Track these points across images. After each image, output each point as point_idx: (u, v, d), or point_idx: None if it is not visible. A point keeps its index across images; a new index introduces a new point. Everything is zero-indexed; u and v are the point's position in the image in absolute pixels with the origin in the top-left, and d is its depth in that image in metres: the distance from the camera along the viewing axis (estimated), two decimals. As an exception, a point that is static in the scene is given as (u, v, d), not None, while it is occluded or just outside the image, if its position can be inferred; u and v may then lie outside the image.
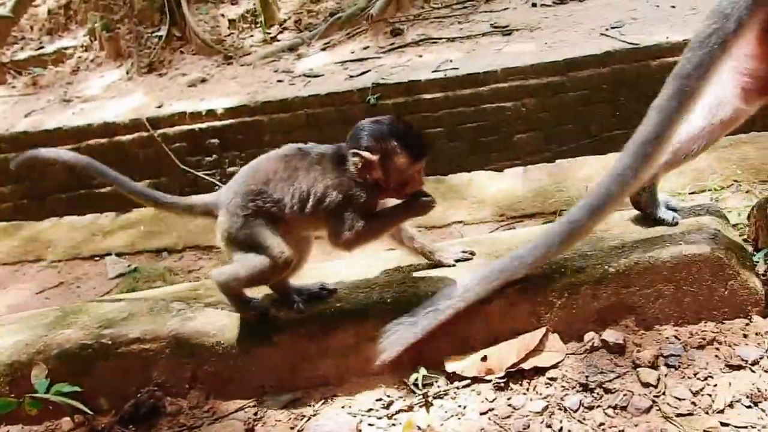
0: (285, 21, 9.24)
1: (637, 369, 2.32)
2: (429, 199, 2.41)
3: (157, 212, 4.96)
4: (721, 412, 2.09)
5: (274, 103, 7.48)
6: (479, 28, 8.02)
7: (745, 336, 2.43)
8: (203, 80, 8.49)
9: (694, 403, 2.17)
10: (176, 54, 9.41)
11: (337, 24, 8.77)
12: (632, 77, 6.74)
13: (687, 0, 7.50)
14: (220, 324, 2.56)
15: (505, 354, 2.45)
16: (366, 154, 2.28)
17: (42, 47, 10.35)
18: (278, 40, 9.00)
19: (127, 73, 9.34)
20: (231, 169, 7.73)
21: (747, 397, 2.15)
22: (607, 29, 7.20)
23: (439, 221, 4.69)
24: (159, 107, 8.05)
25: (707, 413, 2.11)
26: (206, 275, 4.25)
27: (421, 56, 7.67)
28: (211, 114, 7.67)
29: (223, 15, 9.53)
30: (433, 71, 7.12)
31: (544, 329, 2.48)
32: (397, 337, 2.26)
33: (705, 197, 3.91)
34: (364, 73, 7.51)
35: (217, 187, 7.36)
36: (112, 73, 9.52)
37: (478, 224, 4.61)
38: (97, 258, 5.20)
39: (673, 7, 7.43)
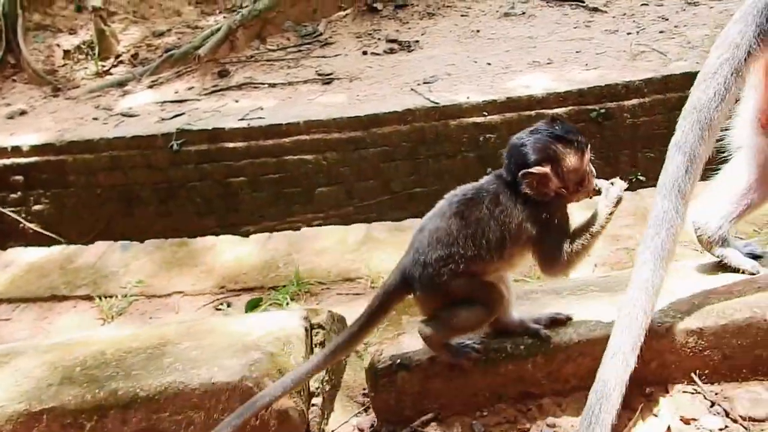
0: (122, 54, 9.02)
1: None
2: (616, 188, 2.26)
3: None
4: None
5: (79, 143, 7.27)
6: (304, 74, 7.96)
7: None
8: (23, 113, 8.21)
9: None
10: (8, 82, 9.10)
11: (169, 61, 8.62)
12: (432, 135, 6.75)
13: (502, 57, 7.57)
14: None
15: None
16: (537, 169, 2.16)
17: None
18: (111, 74, 8.80)
19: (-52, 101, 8.99)
20: (36, 207, 7.46)
21: None
22: (418, 84, 7.22)
23: (160, 290, 4.56)
24: (-34, 141, 7.73)
25: None
26: None
27: (237, 101, 7.57)
28: (16, 150, 7.40)
29: (58, 45, 9.26)
30: (239, 119, 7.02)
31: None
32: None
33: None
34: (177, 115, 7.36)
35: (21, 225, 7.18)
36: (-59, 99, 9.13)
37: (197, 295, 4.48)
38: None
39: (489, 64, 7.50)
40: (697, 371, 2.40)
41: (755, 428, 2.23)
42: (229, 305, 4.28)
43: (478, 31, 8.51)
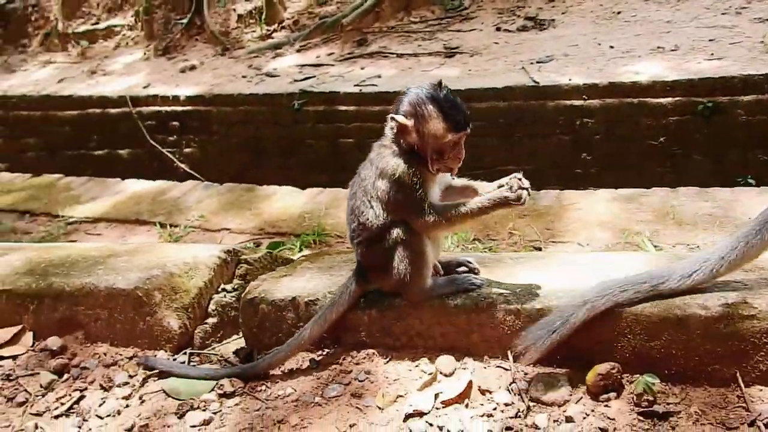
0: (285, 21, 9.87)
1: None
2: (518, 196, 2.32)
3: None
4: None
5: (222, 97, 8.21)
6: (433, 47, 8.26)
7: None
8: (192, 67, 9.36)
9: None
10: (191, 41, 10.36)
11: (321, 28, 9.30)
12: (529, 114, 6.79)
13: (629, 41, 7.32)
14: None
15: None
16: (400, 117, 2.36)
17: (98, 23, 11.68)
18: (272, 38, 9.67)
19: (144, 54, 10.42)
20: (187, 150, 8.56)
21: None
22: (532, 63, 7.24)
23: (213, 225, 5.23)
24: (145, 87, 9.02)
25: None
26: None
27: (363, 68, 8.05)
28: (176, 99, 8.52)
29: (234, 9, 10.33)
30: (355, 85, 7.50)
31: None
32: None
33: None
34: (308, 78, 8.03)
35: (174, 164, 8.29)
36: (140, 52, 10.64)
37: (239, 234, 5.09)
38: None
39: (612, 47, 7.30)
40: (513, 350, 2.51)
41: (537, 409, 2.34)
42: (258, 245, 4.82)
43: (619, 12, 8.21)
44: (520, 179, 2.38)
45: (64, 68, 10.87)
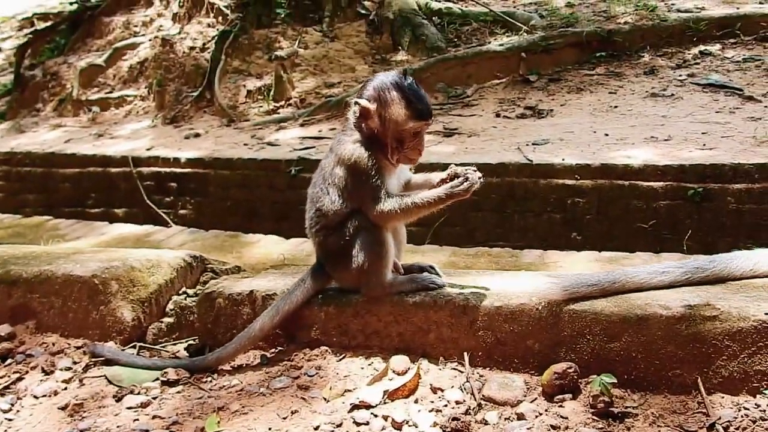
0: (292, 98, 10.13)
1: None
2: (469, 185, 2.33)
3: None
4: None
5: (221, 160, 8.30)
6: (433, 127, 8.40)
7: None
8: (197, 135, 9.53)
9: None
10: (199, 112, 10.61)
11: (326, 107, 9.53)
12: (521, 191, 6.82)
13: (623, 131, 7.45)
14: None
15: None
16: (363, 101, 2.37)
17: (111, 92, 12.02)
18: (278, 113, 9.89)
19: (152, 122, 10.66)
20: (182, 211, 8.59)
21: None
22: (527, 144, 7.34)
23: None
24: (148, 149, 9.16)
25: None
26: None
27: (362, 142, 8.16)
28: (176, 161, 8.62)
29: (245, 86, 10.63)
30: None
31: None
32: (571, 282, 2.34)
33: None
34: (307, 148, 8.15)
35: (168, 225, 8.29)
36: (148, 121, 10.89)
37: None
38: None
39: (606, 135, 7.42)
40: (471, 351, 2.43)
41: (489, 407, 2.24)
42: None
43: (615, 106, 8.40)
44: (474, 170, 2.36)
45: (73, 131, 11.10)
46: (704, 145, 6.76)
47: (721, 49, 9.63)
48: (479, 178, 2.34)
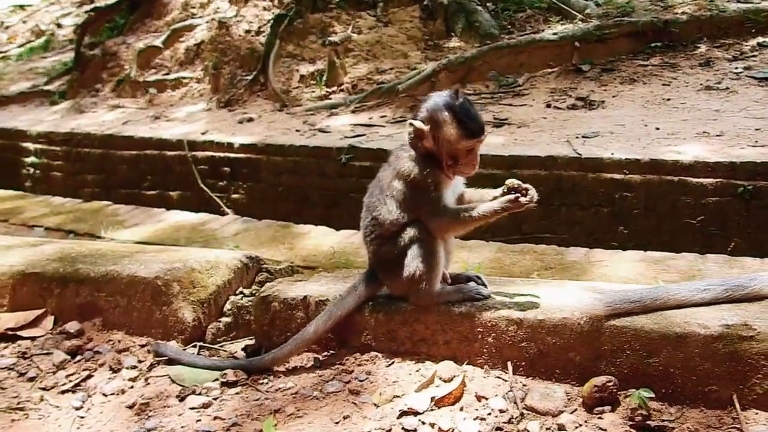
0: (344, 84, 10.25)
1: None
2: (528, 200, 2.45)
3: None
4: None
5: (273, 147, 8.49)
6: (484, 117, 8.43)
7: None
8: (250, 119, 9.73)
9: None
10: (253, 96, 10.81)
11: (377, 93, 9.62)
12: (569, 185, 6.84)
13: (675, 125, 7.39)
14: None
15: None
16: (418, 123, 2.49)
17: (168, 74, 12.31)
18: (330, 99, 10.02)
19: (207, 105, 10.91)
20: (234, 195, 8.82)
21: None
22: (577, 137, 7.34)
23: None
24: (203, 134, 9.40)
25: None
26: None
27: (412, 131, 8.24)
28: (230, 146, 8.84)
29: (298, 70, 10.78)
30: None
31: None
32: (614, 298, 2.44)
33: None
34: (358, 135, 8.27)
35: (221, 209, 8.53)
36: (203, 104, 11.14)
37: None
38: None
39: (657, 129, 7.37)
40: (514, 361, 2.53)
41: (531, 416, 2.35)
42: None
43: (668, 99, 8.30)
44: (525, 185, 2.46)
45: (131, 113, 11.42)
46: (756, 141, 6.67)
47: (780, 41, 9.42)
48: (536, 194, 2.45)
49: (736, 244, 6.21)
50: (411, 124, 2.52)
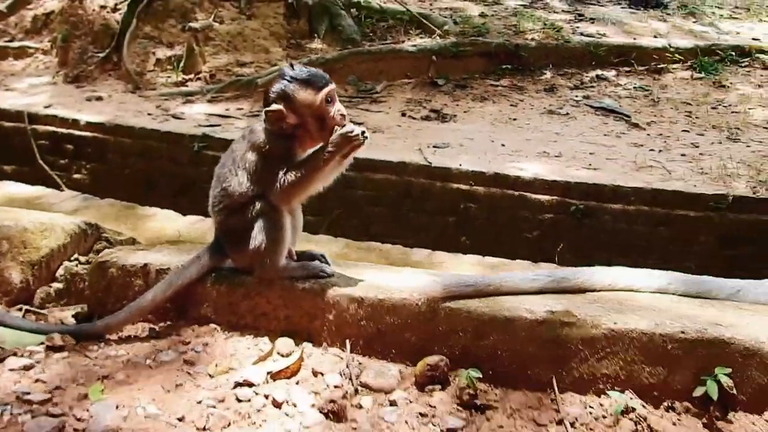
0: (202, 73, 10.01)
1: None
2: (351, 130, 2.48)
3: None
4: None
5: (123, 128, 8.14)
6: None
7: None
8: (99, 98, 9.28)
9: None
10: (104, 75, 10.30)
11: (235, 85, 9.48)
12: (418, 191, 7.06)
13: (519, 143, 7.82)
14: None
15: None
16: (273, 106, 2.46)
17: (12, 41, 11.49)
18: (186, 86, 9.75)
19: (53, 78, 10.29)
20: (76, 175, 8.36)
21: None
22: (428, 147, 7.58)
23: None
24: (46, 107, 8.85)
25: None
26: None
27: (268, 126, 8.19)
28: (75, 123, 8.37)
29: (154, 53, 10.40)
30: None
31: None
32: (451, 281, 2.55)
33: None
34: (212, 125, 8.10)
35: (61, 189, 8.02)
36: (49, 77, 10.49)
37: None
38: None
39: (503, 145, 7.77)
40: (353, 339, 2.58)
41: (365, 392, 2.40)
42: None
43: (515, 119, 8.80)
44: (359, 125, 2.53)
45: (-35, 80, 10.55)
46: (590, 164, 7.20)
47: (616, 75, 10.22)
48: (364, 132, 2.50)
49: (566, 260, 6.66)
50: (266, 112, 2.51)
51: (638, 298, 2.64)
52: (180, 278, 2.64)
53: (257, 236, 2.55)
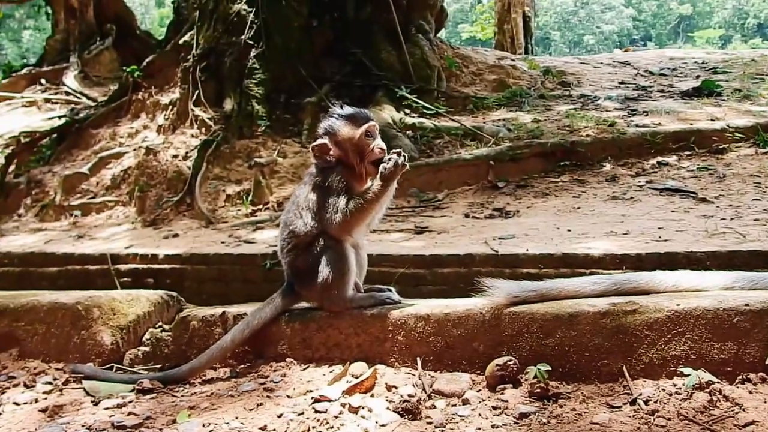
0: (270, 203, 10.54)
1: None
2: (393, 159, 2.63)
3: None
4: None
5: (197, 255, 8.54)
6: (404, 226, 8.80)
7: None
8: (175, 235, 9.81)
9: None
10: (179, 216, 10.94)
11: (302, 208, 9.89)
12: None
13: (585, 227, 7.86)
14: None
15: None
16: (318, 141, 2.73)
17: (94, 198, 12.38)
18: (255, 216, 10.25)
19: (132, 224, 10.98)
20: (158, 307, 8.72)
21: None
22: (494, 239, 7.69)
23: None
24: (127, 248, 9.40)
25: None
26: None
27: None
28: (153, 258, 8.85)
29: (224, 190, 11.05)
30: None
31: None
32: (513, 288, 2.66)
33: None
34: (283, 244, 8.43)
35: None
36: (129, 224, 11.20)
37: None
38: None
39: (569, 230, 7.81)
40: (423, 356, 2.66)
41: (437, 397, 2.46)
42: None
43: (578, 208, 8.88)
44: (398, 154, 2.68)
45: (54, 235, 11.33)
46: (660, 237, 7.15)
47: (677, 160, 10.25)
48: (402, 155, 2.65)
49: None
50: (313, 146, 2.76)
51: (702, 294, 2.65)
52: (256, 318, 2.79)
53: (323, 270, 2.70)
